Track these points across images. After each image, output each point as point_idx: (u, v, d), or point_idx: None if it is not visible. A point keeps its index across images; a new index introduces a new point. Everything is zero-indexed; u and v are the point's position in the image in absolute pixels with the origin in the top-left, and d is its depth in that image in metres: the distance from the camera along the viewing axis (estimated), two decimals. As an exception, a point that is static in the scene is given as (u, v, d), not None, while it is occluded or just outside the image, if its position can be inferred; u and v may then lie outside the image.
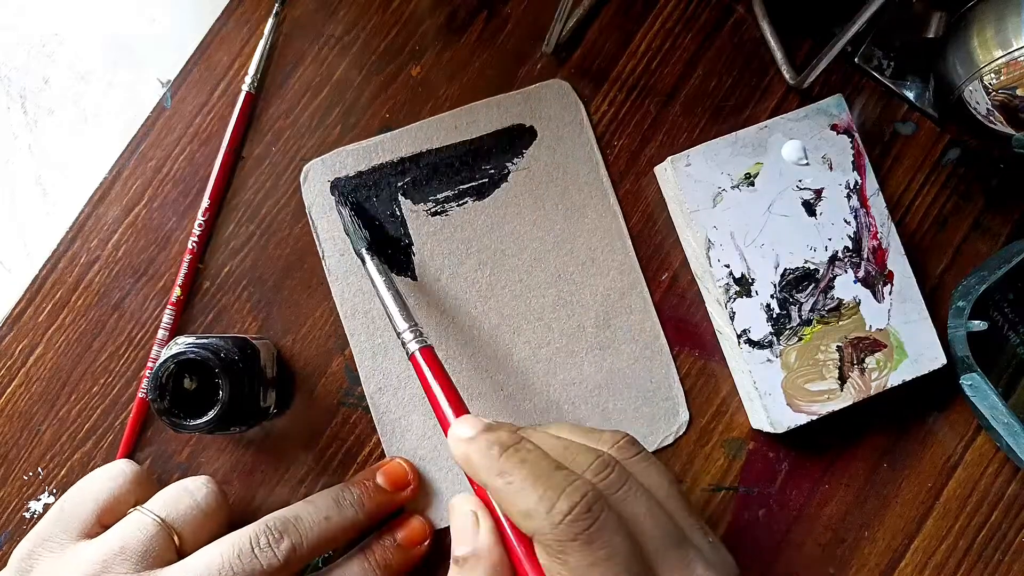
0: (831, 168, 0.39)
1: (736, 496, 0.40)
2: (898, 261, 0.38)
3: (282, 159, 0.40)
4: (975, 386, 0.39)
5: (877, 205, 0.39)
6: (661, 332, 0.40)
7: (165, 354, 0.34)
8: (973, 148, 0.41)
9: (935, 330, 0.38)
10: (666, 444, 0.40)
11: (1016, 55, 0.34)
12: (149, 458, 0.39)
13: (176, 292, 0.39)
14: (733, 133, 0.38)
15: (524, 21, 0.41)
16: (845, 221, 0.38)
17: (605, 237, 0.40)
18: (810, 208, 0.38)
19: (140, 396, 0.39)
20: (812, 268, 0.38)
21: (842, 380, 0.38)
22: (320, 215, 0.40)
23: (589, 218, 0.40)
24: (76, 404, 0.39)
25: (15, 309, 0.39)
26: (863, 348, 0.38)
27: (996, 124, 0.36)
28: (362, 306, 0.39)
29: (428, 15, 0.41)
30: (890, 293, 0.38)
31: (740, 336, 0.38)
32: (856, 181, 0.39)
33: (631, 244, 0.40)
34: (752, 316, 0.38)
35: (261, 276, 0.40)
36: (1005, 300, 0.41)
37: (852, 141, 0.39)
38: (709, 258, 0.38)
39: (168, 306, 0.39)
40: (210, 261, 0.40)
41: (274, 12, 0.41)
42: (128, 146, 0.40)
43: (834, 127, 0.39)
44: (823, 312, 0.38)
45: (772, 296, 0.38)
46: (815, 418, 0.37)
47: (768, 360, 0.38)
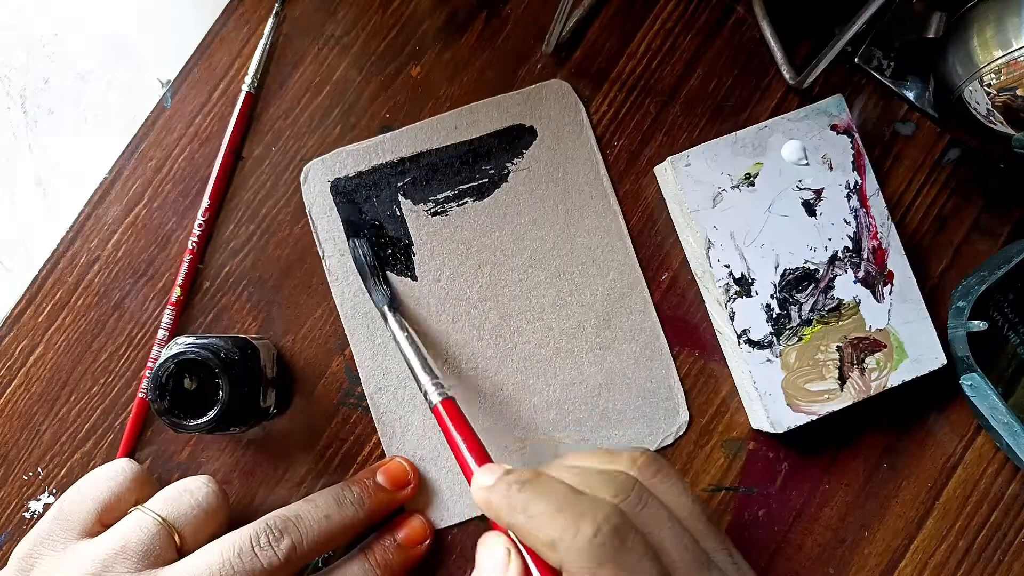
0: (831, 168, 0.39)
1: (736, 496, 0.40)
2: (898, 261, 0.38)
3: (282, 159, 0.40)
4: (975, 386, 0.39)
5: (877, 205, 0.39)
6: (661, 332, 0.40)
7: (165, 354, 0.34)
8: (973, 148, 0.41)
9: (935, 330, 0.38)
10: (666, 444, 0.40)
11: (1016, 55, 0.34)
12: (149, 458, 0.39)
13: (176, 292, 0.39)
14: (733, 133, 0.38)
15: (524, 21, 0.41)
16: (845, 221, 0.38)
17: (605, 237, 0.40)
18: (810, 208, 0.38)
19: (140, 396, 0.39)
20: (812, 268, 0.38)
21: (842, 380, 0.38)
22: (320, 215, 0.40)
23: (589, 218, 0.40)
24: (76, 404, 0.39)
25: (15, 309, 0.39)
26: (863, 348, 0.38)
27: (996, 124, 0.36)
28: (362, 306, 0.39)
29: (428, 15, 0.41)
30: (890, 293, 0.38)
31: (740, 336, 0.38)
32: (856, 181, 0.39)
33: (631, 244, 0.40)
34: (752, 316, 0.38)
35: (261, 276, 0.40)
36: (1005, 300, 0.41)
37: (852, 141, 0.39)
38: (709, 258, 0.38)
39: (168, 306, 0.39)
40: (210, 261, 0.40)
41: (274, 12, 0.41)
42: (128, 146, 0.40)
43: (834, 127, 0.39)
44: (823, 312, 0.38)
45: (772, 296, 0.38)
46: (815, 418, 0.37)
47: (768, 360, 0.38)
